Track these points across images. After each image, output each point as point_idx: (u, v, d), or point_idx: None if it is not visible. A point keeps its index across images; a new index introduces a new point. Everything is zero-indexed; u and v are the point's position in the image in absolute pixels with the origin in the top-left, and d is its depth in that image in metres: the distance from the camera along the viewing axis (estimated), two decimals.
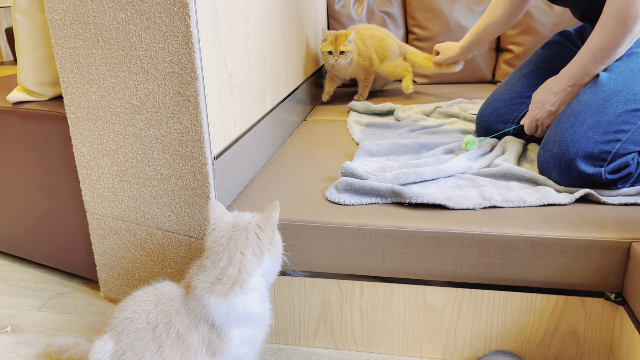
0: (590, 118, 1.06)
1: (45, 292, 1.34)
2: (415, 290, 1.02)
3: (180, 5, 0.90)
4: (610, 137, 1.03)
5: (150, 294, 0.82)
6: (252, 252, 0.82)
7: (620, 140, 1.03)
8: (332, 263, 1.02)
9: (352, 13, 2.11)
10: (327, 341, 1.10)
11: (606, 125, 1.04)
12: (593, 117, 1.05)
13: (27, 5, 1.17)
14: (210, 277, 0.80)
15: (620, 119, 1.04)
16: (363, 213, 1.02)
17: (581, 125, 1.06)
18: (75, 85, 1.05)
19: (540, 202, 1.02)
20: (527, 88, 1.35)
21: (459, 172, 1.16)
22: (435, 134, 1.47)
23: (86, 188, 1.14)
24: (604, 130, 1.04)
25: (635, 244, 0.90)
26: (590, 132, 1.04)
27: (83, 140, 1.09)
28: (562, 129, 1.08)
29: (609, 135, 1.03)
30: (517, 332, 1.01)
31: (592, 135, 1.04)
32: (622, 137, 1.03)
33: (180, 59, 0.93)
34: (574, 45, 1.36)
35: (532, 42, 1.98)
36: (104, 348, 0.77)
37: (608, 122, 1.04)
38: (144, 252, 1.13)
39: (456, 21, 2.04)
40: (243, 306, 0.80)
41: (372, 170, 1.19)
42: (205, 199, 1.01)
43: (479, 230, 0.95)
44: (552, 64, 1.35)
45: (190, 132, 0.97)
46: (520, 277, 0.96)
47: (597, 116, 1.05)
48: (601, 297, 0.96)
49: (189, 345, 0.77)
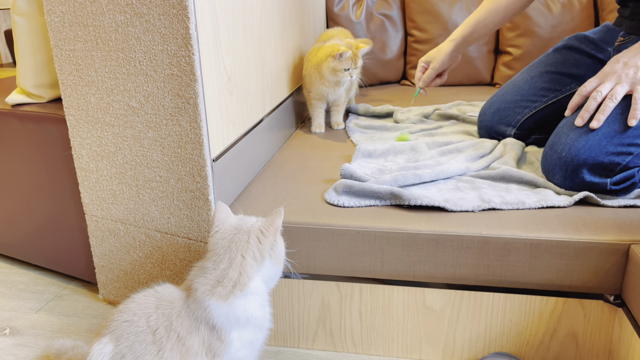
0: (605, 126, 1.02)
1: (43, 294, 1.34)
2: (414, 292, 1.02)
3: (179, 7, 0.90)
4: (623, 149, 1.01)
5: (150, 296, 0.82)
6: (253, 255, 0.82)
7: (632, 153, 1.01)
8: (331, 265, 1.02)
9: (351, 15, 2.11)
10: (326, 343, 1.10)
11: (621, 136, 1.01)
12: (609, 126, 1.02)
13: (26, 7, 1.17)
14: (211, 279, 0.80)
15: (636, 132, 1.01)
16: (362, 215, 1.02)
17: (596, 133, 1.02)
18: (74, 87, 1.05)
19: (539, 204, 1.02)
20: (533, 91, 1.32)
21: (457, 173, 1.16)
22: (433, 135, 1.47)
23: (85, 190, 1.14)
24: (618, 141, 1.01)
25: (633, 246, 0.90)
26: (604, 141, 1.01)
27: (82, 142, 1.09)
28: (575, 132, 1.05)
29: (622, 147, 1.01)
30: (516, 334, 1.01)
31: (605, 145, 1.01)
32: (635, 150, 1.01)
33: (179, 61, 0.93)
34: (594, 48, 1.29)
35: (530, 44, 1.98)
36: (103, 350, 0.77)
37: (624, 134, 1.01)
38: (142, 254, 1.13)
39: (455, 23, 2.04)
40: (243, 309, 0.80)
41: (371, 171, 1.20)
42: (204, 200, 1.01)
43: (477, 232, 0.95)
44: (562, 68, 1.31)
45: (189, 134, 0.97)
46: (519, 279, 0.96)
47: (614, 125, 1.02)
48: (600, 299, 0.96)
49: (189, 347, 0.77)
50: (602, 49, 1.29)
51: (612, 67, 1.06)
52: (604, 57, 1.27)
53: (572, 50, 1.32)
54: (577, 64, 1.29)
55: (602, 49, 1.29)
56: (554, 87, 1.30)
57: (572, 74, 1.30)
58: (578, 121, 1.06)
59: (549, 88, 1.31)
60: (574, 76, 1.29)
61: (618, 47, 1.24)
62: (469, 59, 2.06)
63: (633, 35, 1.20)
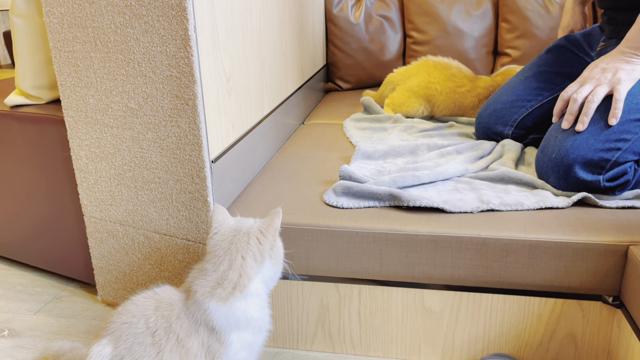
0: (591, 124, 1.05)
1: (42, 295, 1.33)
2: (413, 293, 1.02)
3: (178, 8, 0.90)
4: (611, 145, 1.02)
5: (149, 298, 0.82)
6: (253, 256, 0.82)
7: (621, 148, 1.02)
8: (330, 266, 1.02)
9: (350, 16, 2.12)
10: (324, 345, 1.09)
11: (607, 133, 1.03)
12: (595, 124, 1.04)
13: (25, 8, 1.17)
14: (211, 281, 0.80)
15: (622, 128, 1.03)
16: (361, 216, 1.02)
17: (583, 132, 1.05)
18: (72, 89, 1.05)
19: (538, 205, 1.02)
20: (528, 91, 1.34)
21: (456, 174, 1.16)
22: (432, 136, 1.47)
23: (83, 191, 1.14)
24: (605, 137, 1.03)
25: (632, 247, 0.90)
26: (591, 139, 1.03)
27: (80, 144, 1.09)
28: (563, 133, 1.08)
29: (610, 144, 1.02)
30: (515, 335, 1.01)
31: (592, 142, 1.03)
32: (623, 145, 1.02)
33: (178, 62, 0.93)
34: (579, 49, 1.33)
35: (529, 45, 1.99)
36: (102, 352, 0.77)
37: (609, 130, 1.03)
38: (141, 256, 1.13)
39: (453, 25, 2.05)
40: (243, 310, 0.80)
41: (370, 173, 1.20)
42: (203, 202, 1.01)
43: (476, 233, 0.95)
44: (555, 67, 1.34)
45: (188, 135, 0.97)
46: (518, 280, 0.96)
47: (599, 123, 1.04)
48: (598, 300, 0.96)
49: (189, 349, 0.77)
50: (587, 53, 1.33)
51: (591, 72, 1.09)
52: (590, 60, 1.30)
53: (564, 50, 1.35)
54: (570, 63, 1.32)
55: (587, 53, 1.32)
56: (549, 86, 1.32)
57: (565, 73, 1.32)
58: (564, 124, 1.08)
59: (544, 87, 1.33)
60: (567, 75, 1.32)
61: (599, 52, 1.27)
62: (468, 60, 2.06)
63: (613, 40, 1.23)
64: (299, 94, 1.70)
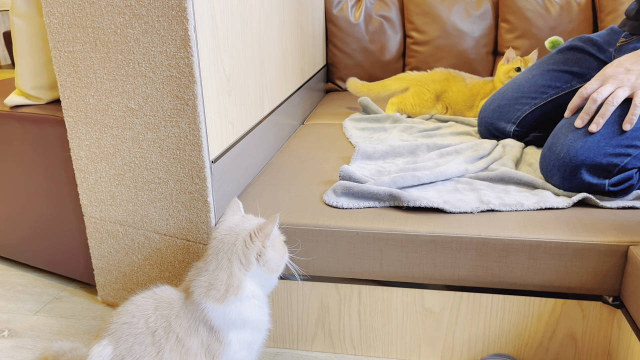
0: (605, 127, 1.02)
1: (42, 296, 1.33)
2: (413, 293, 1.02)
3: (178, 8, 0.90)
4: (621, 151, 1.01)
5: (148, 298, 0.82)
6: (238, 259, 0.80)
7: (630, 155, 1.01)
8: (330, 266, 1.02)
9: (350, 17, 2.12)
10: (325, 345, 1.09)
11: (620, 138, 1.01)
12: (608, 127, 1.02)
13: (25, 8, 1.17)
14: (205, 282, 0.80)
15: (635, 134, 1.01)
16: (361, 216, 1.02)
17: (594, 134, 1.02)
18: (72, 89, 1.05)
19: (538, 206, 1.02)
20: (533, 89, 1.33)
21: (456, 174, 1.16)
22: (432, 137, 1.47)
23: (83, 191, 1.14)
24: (617, 142, 1.01)
25: (632, 247, 0.90)
26: (603, 142, 1.01)
27: (80, 144, 1.09)
28: (574, 133, 1.05)
29: (620, 149, 1.01)
30: (515, 336, 1.01)
31: (603, 146, 1.01)
32: (633, 152, 1.01)
33: (178, 62, 0.93)
34: (593, 47, 1.29)
35: (529, 45, 1.99)
36: (102, 353, 0.77)
37: (622, 135, 1.01)
38: (141, 256, 1.13)
39: (453, 25, 2.05)
40: (238, 312, 0.79)
41: (370, 173, 1.20)
42: (202, 202, 1.01)
43: (476, 234, 0.95)
44: (563, 66, 1.32)
45: (188, 136, 0.97)
46: (518, 281, 0.96)
47: (613, 127, 1.02)
48: (599, 301, 0.96)
49: (188, 348, 0.77)
50: (604, 50, 1.29)
51: (614, 71, 1.05)
52: (605, 57, 1.28)
53: (574, 50, 1.33)
54: (579, 62, 1.30)
55: (604, 49, 1.29)
56: (555, 85, 1.31)
57: (573, 72, 1.30)
58: (578, 122, 1.06)
59: (550, 85, 1.31)
60: (575, 73, 1.30)
61: (619, 48, 1.24)
62: (468, 60, 2.06)
63: (635, 36, 1.21)
64: (299, 94, 1.70)
